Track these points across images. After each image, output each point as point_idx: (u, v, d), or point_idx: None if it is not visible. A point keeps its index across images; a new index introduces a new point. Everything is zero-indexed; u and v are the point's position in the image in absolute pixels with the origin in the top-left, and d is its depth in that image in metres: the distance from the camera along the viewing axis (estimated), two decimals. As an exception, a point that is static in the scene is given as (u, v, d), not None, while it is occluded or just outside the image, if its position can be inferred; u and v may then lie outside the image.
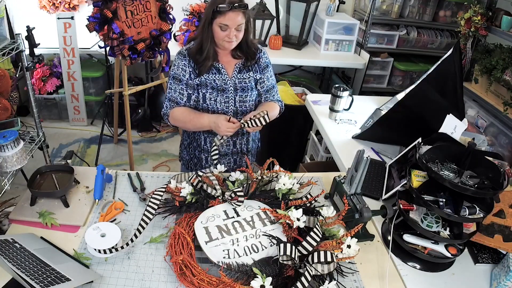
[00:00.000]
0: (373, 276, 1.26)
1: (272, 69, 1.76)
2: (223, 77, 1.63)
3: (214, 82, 1.62)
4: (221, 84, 1.63)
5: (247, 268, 1.17)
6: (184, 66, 1.62)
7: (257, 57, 1.69)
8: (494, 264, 1.35)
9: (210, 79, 1.62)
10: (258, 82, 1.71)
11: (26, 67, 2.06)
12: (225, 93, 1.64)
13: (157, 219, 1.38)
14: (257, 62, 1.70)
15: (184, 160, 1.89)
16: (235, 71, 1.66)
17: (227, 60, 1.66)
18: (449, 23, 3.49)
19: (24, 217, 1.35)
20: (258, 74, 1.70)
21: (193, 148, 1.82)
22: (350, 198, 1.40)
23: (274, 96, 1.78)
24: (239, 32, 1.53)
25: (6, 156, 1.77)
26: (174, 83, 1.64)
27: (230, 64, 1.66)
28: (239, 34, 1.54)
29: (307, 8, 3.37)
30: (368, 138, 2.05)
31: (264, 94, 1.75)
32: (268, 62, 1.74)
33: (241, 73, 1.66)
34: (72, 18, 3.26)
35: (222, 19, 1.48)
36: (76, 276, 1.08)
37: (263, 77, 1.71)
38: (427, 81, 1.73)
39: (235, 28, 1.51)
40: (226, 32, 1.51)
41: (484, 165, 1.31)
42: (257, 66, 1.70)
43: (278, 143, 3.09)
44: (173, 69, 1.65)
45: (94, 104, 3.77)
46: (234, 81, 1.65)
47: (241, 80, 1.66)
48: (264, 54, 1.72)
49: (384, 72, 3.62)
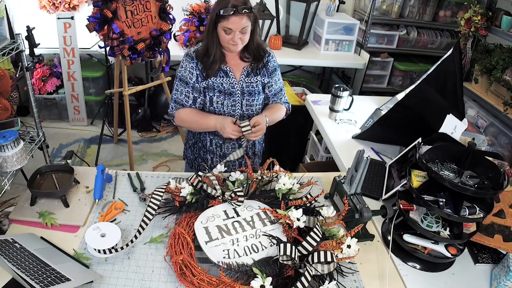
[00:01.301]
0: (373, 276, 1.26)
1: (279, 71, 1.75)
2: (230, 80, 1.62)
3: (221, 85, 1.61)
4: (228, 88, 1.62)
5: (247, 268, 1.17)
6: (191, 69, 1.60)
7: (266, 61, 1.68)
8: (494, 264, 1.35)
9: (217, 82, 1.61)
10: (266, 86, 1.70)
11: (26, 67, 2.06)
12: (232, 96, 1.63)
13: (157, 219, 1.38)
14: (266, 65, 1.68)
15: (188, 159, 1.89)
16: (243, 75, 1.64)
17: (235, 62, 1.64)
18: (449, 23, 3.49)
19: (24, 217, 1.35)
20: (266, 78, 1.69)
21: (198, 148, 1.81)
22: (350, 198, 1.40)
23: (281, 99, 1.77)
24: (244, 34, 1.52)
25: (6, 156, 1.77)
26: (181, 85, 1.63)
27: (238, 67, 1.64)
28: (244, 37, 1.53)
29: (307, 8, 3.37)
30: (368, 138, 2.05)
31: (272, 97, 1.74)
32: (276, 65, 1.72)
33: (248, 76, 1.65)
34: (72, 18, 3.26)
35: (225, 23, 1.47)
36: (76, 276, 1.09)
37: (271, 81, 1.70)
38: (427, 81, 1.73)
39: (240, 31, 1.49)
40: (230, 35, 1.50)
41: (484, 165, 1.31)
42: (265, 70, 1.68)
43: (278, 143, 3.09)
44: (180, 71, 1.64)
45: (94, 104, 3.77)
46: (242, 85, 1.64)
47: (249, 84, 1.65)
48: (272, 57, 1.70)
49: (384, 72, 3.62)
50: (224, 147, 1.75)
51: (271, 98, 1.74)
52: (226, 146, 1.75)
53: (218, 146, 1.75)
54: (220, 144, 1.74)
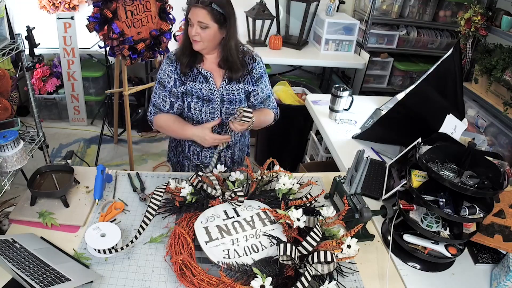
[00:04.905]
0: (373, 276, 1.26)
1: (267, 78, 1.67)
2: (210, 86, 1.56)
3: (200, 91, 1.55)
4: (207, 94, 1.56)
5: (247, 268, 1.17)
6: (170, 72, 1.56)
7: (250, 68, 1.59)
8: (494, 264, 1.35)
9: (196, 87, 1.55)
10: (251, 94, 1.63)
11: (26, 67, 2.06)
12: (211, 103, 1.57)
13: (157, 219, 1.38)
14: (250, 73, 1.60)
15: (171, 161, 1.87)
16: (224, 81, 1.57)
17: (213, 67, 1.57)
18: (449, 23, 3.49)
19: (24, 217, 1.35)
20: (250, 86, 1.61)
21: (178, 153, 1.79)
22: (350, 198, 1.40)
23: (269, 105, 1.72)
24: (203, 30, 1.44)
25: (6, 156, 1.77)
26: (159, 88, 1.60)
27: (219, 73, 1.58)
28: (202, 33, 1.45)
29: (307, 8, 3.36)
30: (368, 138, 2.05)
31: (258, 105, 1.68)
32: (263, 72, 1.63)
33: (230, 84, 1.58)
34: (72, 18, 3.26)
35: (189, 13, 1.46)
36: (76, 276, 1.09)
37: (256, 89, 1.63)
38: (427, 81, 1.73)
39: (198, 25, 1.44)
40: (190, 28, 1.47)
41: (484, 165, 1.31)
42: (250, 78, 1.60)
43: (278, 143, 3.09)
44: (159, 73, 1.59)
45: (94, 104, 3.77)
46: (222, 92, 1.57)
47: (230, 92, 1.58)
48: (258, 63, 1.61)
49: (384, 72, 3.62)
50: (201, 155, 1.72)
51: (257, 106, 1.68)
52: (203, 154, 1.71)
53: (195, 154, 1.72)
54: (198, 152, 1.71)
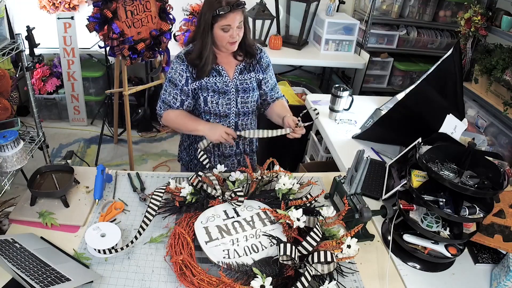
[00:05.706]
0: (373, 276, 1.26)
1: (272, 67, 1.78)
2: (224, 79, 1.63)
3: (215, 85, 1.62)
4: (222, 87, 1.63)
5: (247, 268, 1.17)
6: (181, 71, 1.60)
7: (258, 57, 1.70)
8: (494, 264, 1.35)
9: (210, 82, 1.62)
10: (261, 82, 1.73)
11: (26, 67, 2.06)
12: (226, 95, 1.64)
13: (157, 219, 1.38)
14: (259, 62, 1.71)
15: (183, 160, 1.89)
16: (236, 73, 1.65)
17: (228, 61, 1.65)
18: (449, 23, 3.49)
19: (24, 217, 1.35)
20: (260, 74, 1.71)
21: (194, 150, 1.81)
22: (350, 198, 1.40)
23: (278, 92, 1.82)
24: (240, 29, 1.54)
25: (6, 156, 1.77)
26: (170, 86, 1.64)
27: (231, 65, 1.65)
28: (240, 32, 1.55)
29: (307, 8, 3.37)
30: (368, 138, 2.05)
31: (269, 92, 1.77)
32: (269, 61, 1.75)
33: (242, 74, 1.67)
34: (72, 18, 3.26)
35: (224, 21, 1.48)
36: (76, 276, 1.09)
37: (266, 76, 1.73)
38: (427, 81, 1.73)
39: (237, 27, 1.52)
40: (229, 32, 1.51)
41: (484, 165, 1.31)
42: (259, 66, 1.71)
43: (278, 143, 3.08)
44: (170, 72, 1.65)
45: (94, 104, 3.77)
46: (236, 82, 1.65)
47: (243, 81, 1.66)
48: (264, 53, 1.73)
49: (384, 72, 3.62)
50: (222, 146, 1.75)
51: (268, 93, 1.76)
52: (223, 145, 1.75)
53: (216, 145, 1.75)
54: (218, 143, 1.74)
